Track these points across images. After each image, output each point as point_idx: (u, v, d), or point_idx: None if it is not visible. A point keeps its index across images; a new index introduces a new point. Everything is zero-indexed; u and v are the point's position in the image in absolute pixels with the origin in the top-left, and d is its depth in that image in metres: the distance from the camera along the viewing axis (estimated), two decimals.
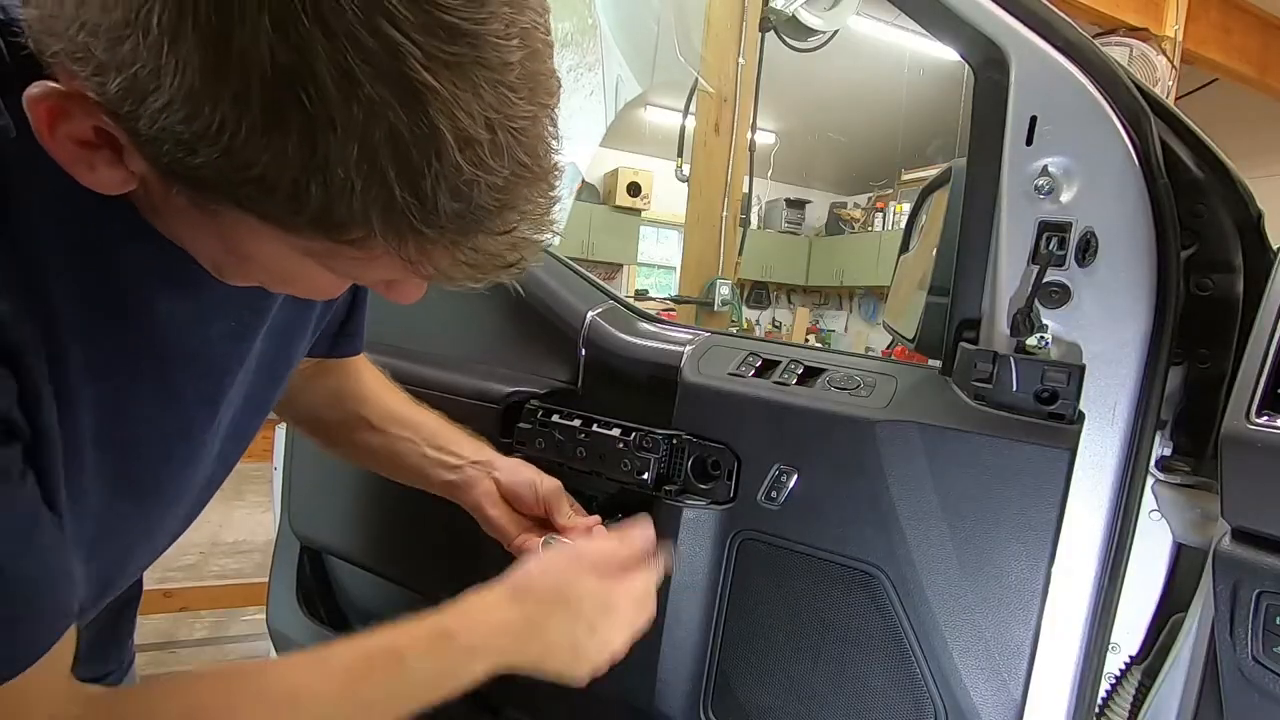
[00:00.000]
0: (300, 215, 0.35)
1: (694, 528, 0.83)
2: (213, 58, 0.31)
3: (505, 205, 0.37)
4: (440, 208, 0.35)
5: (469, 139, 0.34)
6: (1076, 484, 0.69)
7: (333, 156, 0.33)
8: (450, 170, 0.35)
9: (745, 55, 2.98)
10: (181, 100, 0.32)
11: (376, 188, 0.34)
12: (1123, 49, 3.89)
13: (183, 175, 0.36)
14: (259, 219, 0.37)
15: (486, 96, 0.34)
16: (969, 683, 0.71)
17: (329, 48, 0.31)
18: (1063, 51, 0.69)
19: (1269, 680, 0.59)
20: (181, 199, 0.38)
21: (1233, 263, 0.70)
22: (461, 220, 0.37)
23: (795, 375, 0.83)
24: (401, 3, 0.31)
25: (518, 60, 0.35)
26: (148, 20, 0.31)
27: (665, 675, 0.85)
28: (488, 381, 0.98)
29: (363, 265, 0.40)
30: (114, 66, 0.33)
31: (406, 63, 0.32)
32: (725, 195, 3.06)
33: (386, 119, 0.33)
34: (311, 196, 0.34)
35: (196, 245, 0.45)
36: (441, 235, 0.37)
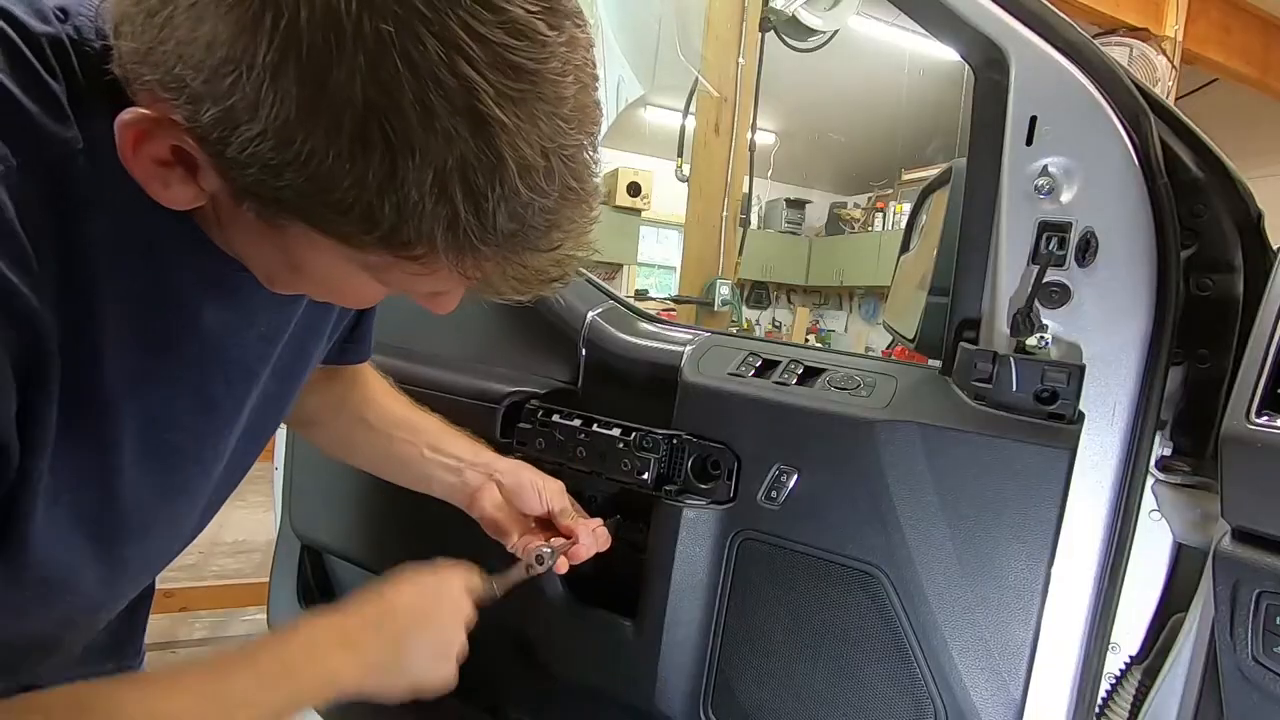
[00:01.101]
0: (371, 233, 0.39)
1: (694, 528, 0.83)
2: (310, 94, 0.35)
3: (554, 225, 0.41)
4: (498, 227, 0.39)
5: (528, 166, 0.38)
6: (1076, 484, 0.69)
7: (409, 181, 0.36)
8: (510, 194, 0.38)
9: (745, 55, 2.98)
10: (275, 131, 0.35)
11: (444, 208, 0.37)
12: (1123, 49, 3.89)
13: (259, 194, 0.39)
14: (326, 234, 0.40)
15: (544, 127, 0.38)
16: (969, 683, 0.71)
17: (414, 85, 0.34)
18: (1063, 51, 0.69)
19: (1269, 680, 0.59)
20: (250, 214, 0.41)
21: (1233, 263, 0.70)
22: (515, 239, 0.40)
23: (795, 375, 0.84)
24: (475, 43, 0.35)
25: (571, 94, 0.39)
26: (251, 58, 0.34)
27: (665, 675, 0.85)
28: (488, 381, 0.98)
29: (417, 278, 0.43)
30: (210, 98, 0.36)
31: (479, 98, 0.35)
32: (725, 195, 3.07)
33: (458, 148, 0.36)
34: (385, 217, 0.37)
35: (253, 257, 0.48)
36: (497, 252, 0.41)
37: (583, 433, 0.90)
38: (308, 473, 1.22)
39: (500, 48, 0.36)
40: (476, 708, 1.02)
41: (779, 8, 2.90)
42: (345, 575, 1.26)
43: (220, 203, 0.43)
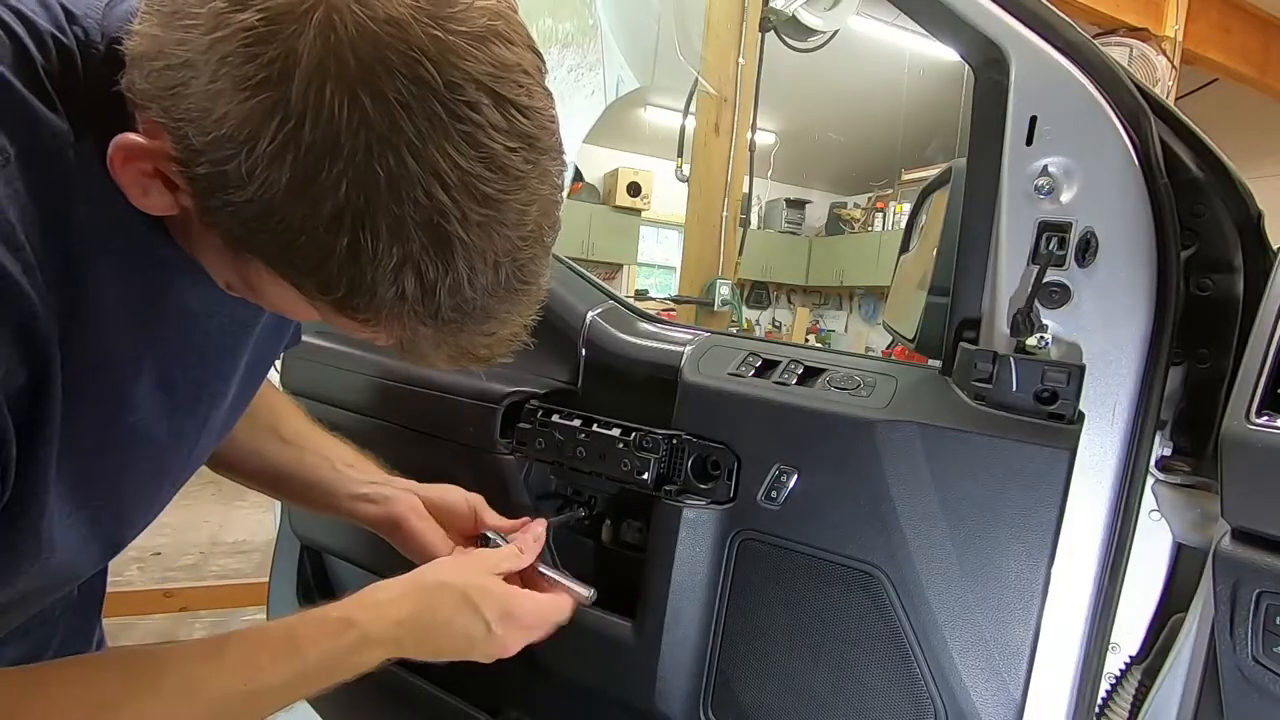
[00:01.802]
0: (326, 296, 0.43)
1: (694, 528, 0.83)
2: (298, 183, 0.38)
3: (492, 316, 0.46)
4: (441, 314, 0.44)
5: (477, 274, 0.42)
6: (1076, 484, 0.69)
7: (367, 267, 0.41)
8: (456, 291, 0.43)
9: (745, 55, 2.98)
10: (260, 202, 0.39)
11: (394, 295, 0.42)
12: (1123, 49, 3.89)
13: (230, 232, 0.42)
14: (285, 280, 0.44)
15: (499, 245, 0.42)
16: (969, 683, 0.71)
17: (391, 198, 0.39)
18: (1063, 51, 0.69)
19: (1269, 680, 0.59)
20: (217, 240, 0.44)
21: (1233, 263, 0.70)
22: (454, 324, 0.45)
23: (795, 375, 0.83)
24: (453, 171, 0.39)
25: (532, 219, 0.44)
26: (254, 143, 0.38)
27: (665, 675, 0.85)
28: (488, 381, 0.98)
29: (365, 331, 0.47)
30: (207, 158, 0.39)
31: (445, 219, 0.40)
32: (725, 195, 3.07)
33: (417, 252, 0.40)
34: (341, 286, 0.42)
35: (213, 265, 0.50)
36: (436, 333, 0.46)
37: (582, 433, 0.90)
38: None
39: (474, 178, 0.40)
40: (476, 708, 1.02)
41: (779, 8, 2.90)
42: (345, 575, 1.26)
43: (190, 220, 0.45)
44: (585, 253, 7.28)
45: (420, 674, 1.08)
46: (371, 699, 1.14)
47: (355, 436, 1.14)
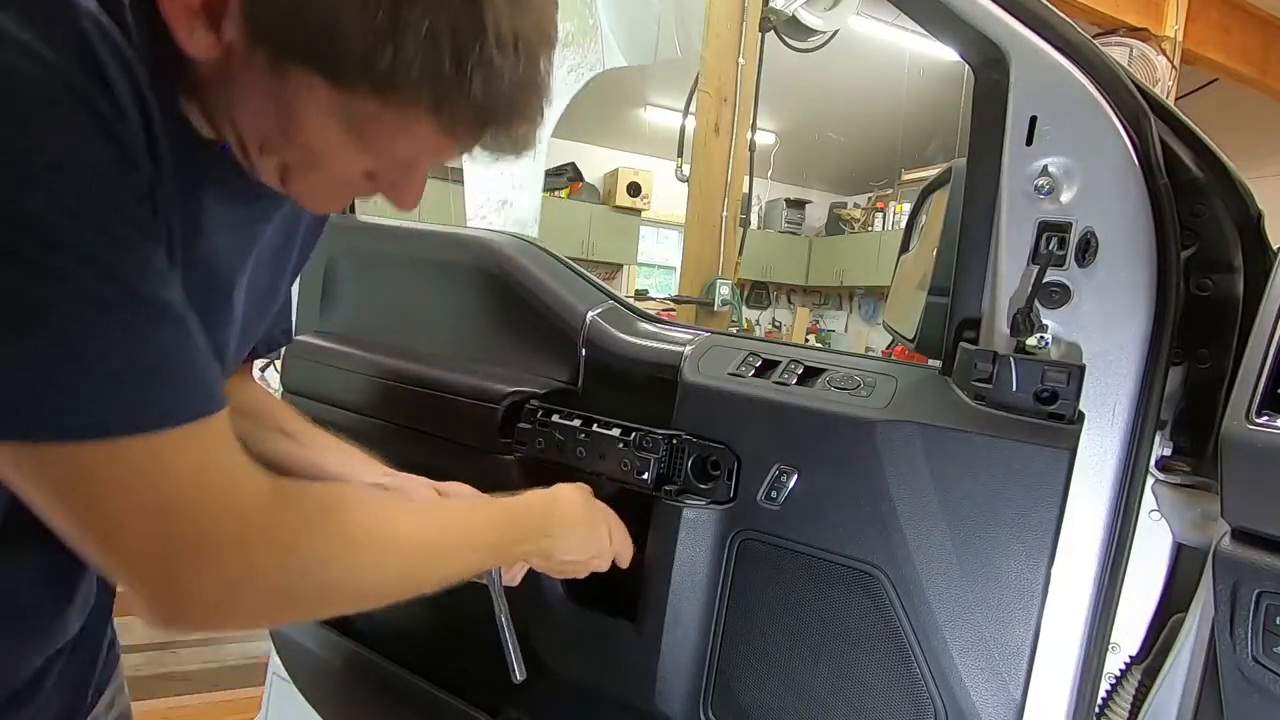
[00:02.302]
0: (366, 76, 0.45)
1: (694, 528, 0.83)
2: None
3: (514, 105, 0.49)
4: (473, 91, 0.46)
5: (503, 42, 0.45)
6: (1076, 484, 0.68)
7: (407, 32, 0.44)
8: (486, 61, 0.45)
9: (745, 55, 2.98)
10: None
11: (432, 61, 0.45)
12: (1123, 49, 3.89)
13: (274, 39, 0.45)
14: (326, 79, 0.46)
15: (520, 19, 0.46)
16: (969, 683, 0.71)
17: None
18: (1063, 51, 0.69)
19: (1269, 680, 0.59)
20: (261, 59, 0.47)
21: (1233, 263, 0.70)
22: (484, 108, 0.48)
23: (795, 375, 0.83)
24: None
25: (548, 14, 0.49)
26: None
27: (665, 675, 0.85)
28: (488, 381, 0.98)
29: (395, 139, 0.50)
30: None
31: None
32: (725, 195, 3.07)
33: (452, 11, 0.44)
34: (382, 60, 0.44)
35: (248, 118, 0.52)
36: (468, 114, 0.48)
37: (582, 433, 0.90)
38: None
39: None
40: (476, 708, 1.02)
41: (779, 8, 2.90)
42: None
43: (234, 54, 0.48)
44: (585, 253, 7.27)
45: (420, 674, 1.08)
46: (371, 699, 1.14)
47: (355, 436, 1.14)
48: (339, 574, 0.54)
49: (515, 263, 1.03)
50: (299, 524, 0.52)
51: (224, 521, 0.48)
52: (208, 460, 0.48)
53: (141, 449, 0.44)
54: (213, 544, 0.47)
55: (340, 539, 0.55)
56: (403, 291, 1.17)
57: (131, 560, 0.46)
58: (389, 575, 0.59)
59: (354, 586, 0.56)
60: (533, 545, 0.76)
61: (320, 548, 0.53)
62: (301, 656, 1.23)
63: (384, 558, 0.59)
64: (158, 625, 0.48)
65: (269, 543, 0.50)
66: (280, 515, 0.51)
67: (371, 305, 1.20)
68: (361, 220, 1.28)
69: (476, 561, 0.69)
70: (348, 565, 0.55)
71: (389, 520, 0.61)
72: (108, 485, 0.44)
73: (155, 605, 0.47)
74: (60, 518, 0.45)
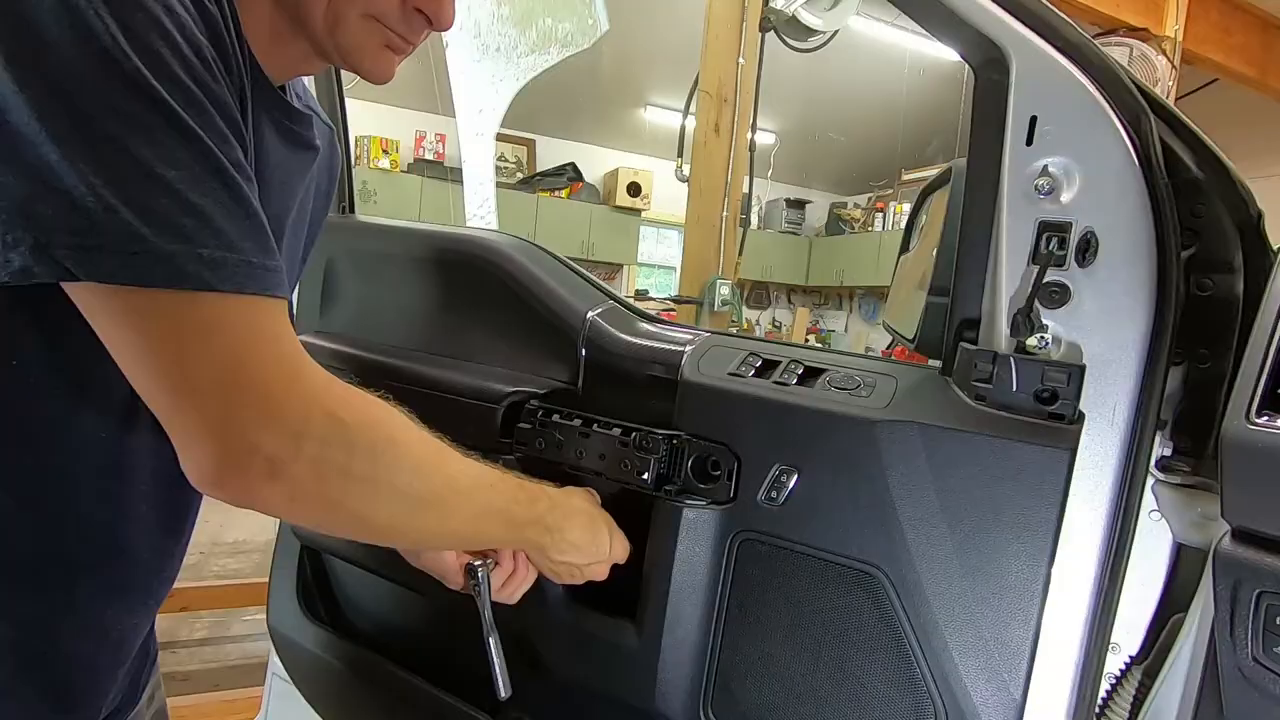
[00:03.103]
0: None
1: (694, 528, 0.83)
2: None
3: None
4: None
5: None
6: (1076, 484, 0.68)
7: None
8: None
9: (745, 55, 2.98)
10: None
11: None
12: (1123, 49, 3.89)
13: None
14: None
15: None
16: (969, 683, 0.71)
17: None
18: (1063, 51, 0.69)
19: (1269, 680, 0.59)
20: None
21: (1233, 263, 0.70)
22: None
23: (795, 375, 0.83)
24: None
25: None
26: None
27: (665, 675, 0.85)
28: (488, 381, 0.98)
29: None
30: None
31: None
32: (725, 195, 3.07)
33: None
34: None
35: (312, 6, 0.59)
36: None
37: (583, 433, 0.90)
38: None
39: None
40: (476, 708, 1.02)
41: (779, 8, 2.90)
42: (344, 575, 1.26)
43: None
44: (585, 253, 7.28)
45: (420, 674, 1.08)
46: (371, 699, 1.14)
47: None
48: (381, 470, 0.56)
49: (515, 263, 1.03)
50: (354, 412, 0.55)
51: (290, 388, 0.51)
52: (281, 333, 0.51)
53: (230, 305, 0.48)
54: (276, 406, 0.50)
55: (386, 440, 0.57)
56: (403, 291, 1.17)
57: (199, 410, 0.49)
58: (420, 492, 0.61)
59: (389, 490, 0.58)
60: (537, 533, 0.76)
61: (370, 436, 0.55)
62: (301, 656, 1.23)
63: (422, 472, 0.61)
64: (205, 483, 0.51)
65: (326, 418, 0.52)
66: (338, 399, 0.54)
67: (371, 305, 1.20)
68: (361, 220, 1.28)
69: (494, 528, 0.71)
70: (390, 465, 0.57)
71: (434, 444, 0.64)
72: (193, 334, 0.48)
73: (210, 459, 0.49)
74: (138, 363, 0.49)
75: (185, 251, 0.46)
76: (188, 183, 0.46)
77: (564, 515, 0.78)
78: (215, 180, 0.48)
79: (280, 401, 0.50)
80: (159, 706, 0.80)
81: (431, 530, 0.65)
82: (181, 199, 0.46)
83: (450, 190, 5.72)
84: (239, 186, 0.49)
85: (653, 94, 6.89)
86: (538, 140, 7.32)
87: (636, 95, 6.96)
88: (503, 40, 2.18)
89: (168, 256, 0.46)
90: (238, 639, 2.70)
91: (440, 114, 5.48)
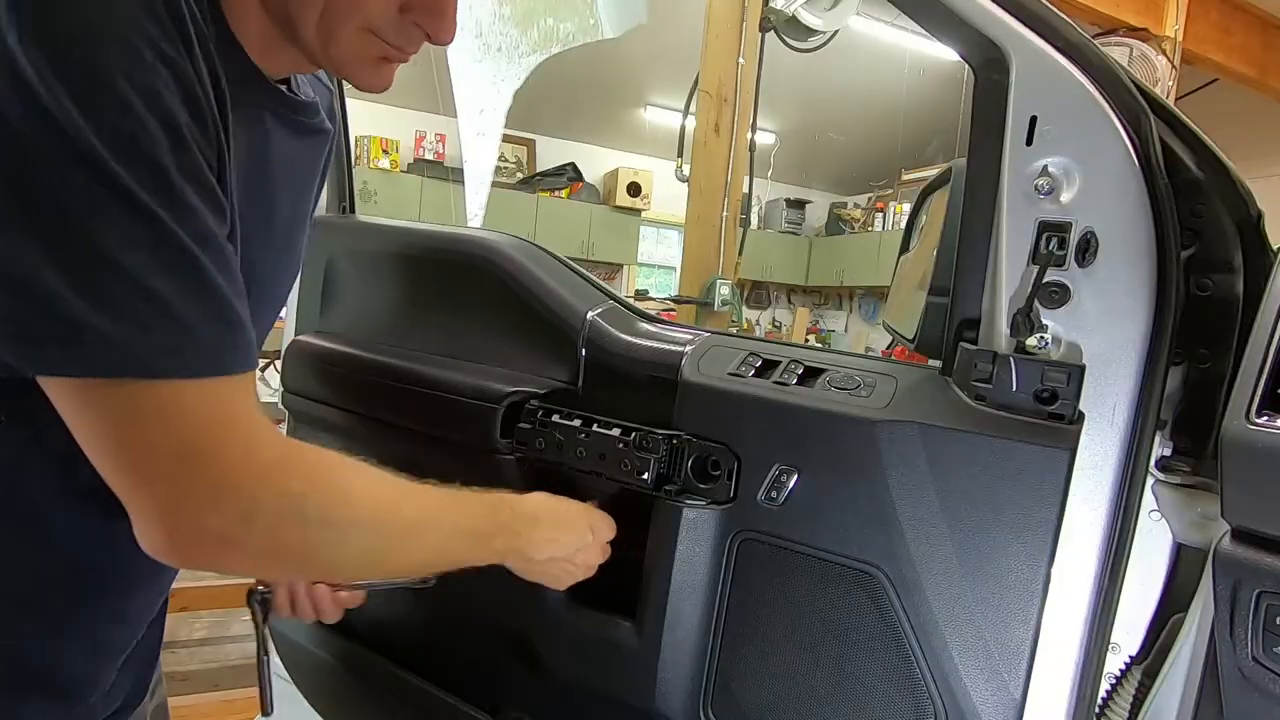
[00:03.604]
0: None
1: (694, 528, 0.83)
2: None
3: None
4: None
5: None
6: (1076, 484, 0.68)
7: None
8: None
9: (745, 55, 2.98)
10: None
11: None
12: (1123, 49, 3.89)
13: None
14: None
15: None
16: (969, 683, 0.71)
17: None
18: (1063, 51, 0.69)
19: (1269, 680, 0.59)
20: None
21: (1233, 263, 0.70)
22: None
23: (795, 375, 0.83)
24: None
25: None
26: None
27: (665, 675, 0.85)
28: (488, 381, 0.98)
29: None
30: None
31: None
32: (725, 195, 3.06)
33: None
34: None
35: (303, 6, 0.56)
36: None
37: (583, 433, 0.90)
38: None
39: None
40: (476, 708, 1.02)
41: (779, 8, 2.89)
42: None
43: None
44: (585, 253, 7.27)
45: (420, 674, 1.08)
46: (371, 699, 1.14)
47: (356, 436, 1.14)
48: (335, 532, 0.58)
49: (515, 263, 1.03)
50: (303, 481, 0.55)
51: (241, 469, 0.51)
52: (235, 412, 0.51)
53: (183, 391, 0.48)
54: (225, 488, 0.51)
55: (339, 500, 0.58)
56: (403, 291, 1.17)
57: (150, 495, 0.50)
58: (378, 540, 0.62)
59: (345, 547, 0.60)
60: (507, 543, 0.76)
61: (320, 505, 0.56)
62: (301, 656, 1.23)
63: (379, 521, 0.62)
64: (161, 557, 0.52)
65: (274, 494, 0.53)
66: (288, 471, 0.54)
67: (371, 305, 1.20)
68: (361, 220, 1.28)
69: (462, 548, 0.71)
70: (344, 524, 0.58)
71: (389, 490, 0.64)
72: (144, 421, 0.48)
73: (163, 539, 0.51)
74: (90, 446, 0.49)
75: (139, 339, 0.46)
76: (147, 267, 0.45)
77: (527, 516, 0.78)
78: (177, 262, 0.47)
79: (230, 485, 0.51)
80: (159, 701, 0.81)
81: (398, 565, 0.67)
82: (139, 285, 0.45)
83: (450, 190, 5.73)
84: (203, 265, 0.48)
85: (653, 94, 6.89)
86: (538, 140, 7.32)
87: (636, 95, 6.95)
88: (504, 40, 2.18)
89: (118, 345, 0.45)
90: (238, 639, 2.70)
91: (440, 114, 5.48)
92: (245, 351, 0.52)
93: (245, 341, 0.52)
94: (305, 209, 0.74)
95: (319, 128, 0.71)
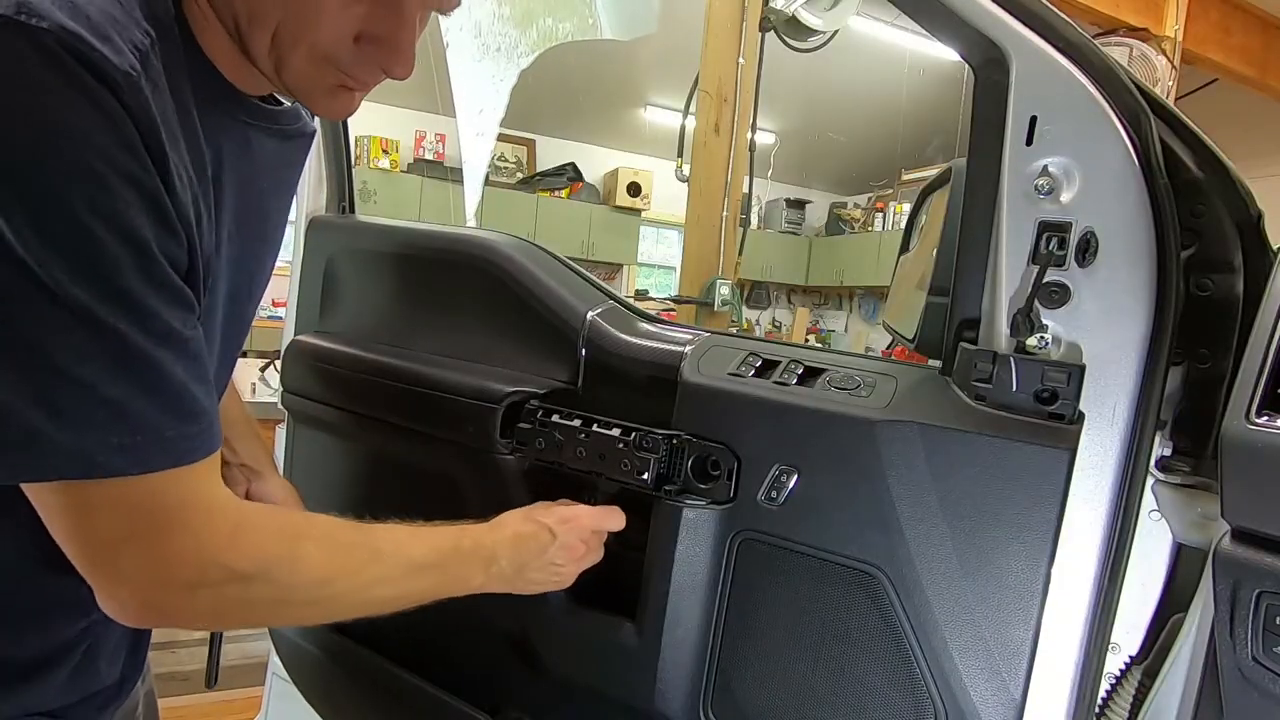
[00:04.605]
0: None
1: (694, 528, 0.83)
2: None
3: None
4: None
5: None
6: (1076, 484, 0.68)
7: None
8: None
9: (745, 55, 2.98)
10: None
11: None
12: (1123, 49, 3.89)
13: None
14: None
15: None
16: (969, 683, 0.71)
17: None
18: (1063, 51, 0.69)
19: (1269, 680, 0.59)
20: None
21: (1233, 263, 0.70)
22: None
23: (795, 375, 0.83)
24: None
25: None
26: None
27: (665, 675, 0.85)
28: (488, 381, 0.98)
29: None
30: None
31: None
32: (725, 195, 3.07)
33: None
34: None
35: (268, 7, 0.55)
36: None
37: (582, 433, 0.90)
38: (307, 473, 1.22)
39: None
40: (476, 708, 1.02)
41: (779, 8, 2.90)
42: None
43: None
44: (585, 253, 7.27)
45: (420, 674, 1.08)
46: (371, 699, 1.14)
47: (355, 436, 1.14)
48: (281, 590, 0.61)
49: (515, 263, 1.03)
50: (251, 560, 0.58)
51: (187, 553, 0.54)
52: (186, 497, 0.54)
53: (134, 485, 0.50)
54: (172, 569, 0.54)
55: (287, 575, 0.60)
56: (402, 291, 1.17)
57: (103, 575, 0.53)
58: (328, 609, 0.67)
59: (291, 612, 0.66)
60: (485, 574, 0.77)
61: (268, 580, 0.59)
62: (301, 656, 1.23)
63: (329, 595, 0.65)
64: (118, 619, 0.56)
65: (221, 574, 0.56)
66: (237, 549, 0.57)
67: (371, 305, 1.20)
68: (361, 220, 1.28)
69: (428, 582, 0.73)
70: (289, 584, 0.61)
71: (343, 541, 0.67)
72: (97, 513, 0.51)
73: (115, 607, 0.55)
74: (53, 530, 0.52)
75: (92, 442, 0.48)
76: (103, 377, 0.47)
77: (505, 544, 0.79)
78: (134, 367, 0.49)
79: (176, 566, 0.54)
80: (149, 686, 0.84)
81: (357, 607, 0.68)
82: (93, 393, 0.47)
83: (450, 190, 5.72)
84: (160, 364, 0.50)
85: (653, 94, 6.89)
86: (538, 140, 7.32)
87: (636, 95, 6.95)
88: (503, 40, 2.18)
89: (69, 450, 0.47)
90: (238, 639, 2.69)
91: (440, 114, 5.48)
92: (202, 438, 0.53)
93: (202, 428, 0.53)
94: (289, 201, 0.76)
95: (302, 130, 0.71)
